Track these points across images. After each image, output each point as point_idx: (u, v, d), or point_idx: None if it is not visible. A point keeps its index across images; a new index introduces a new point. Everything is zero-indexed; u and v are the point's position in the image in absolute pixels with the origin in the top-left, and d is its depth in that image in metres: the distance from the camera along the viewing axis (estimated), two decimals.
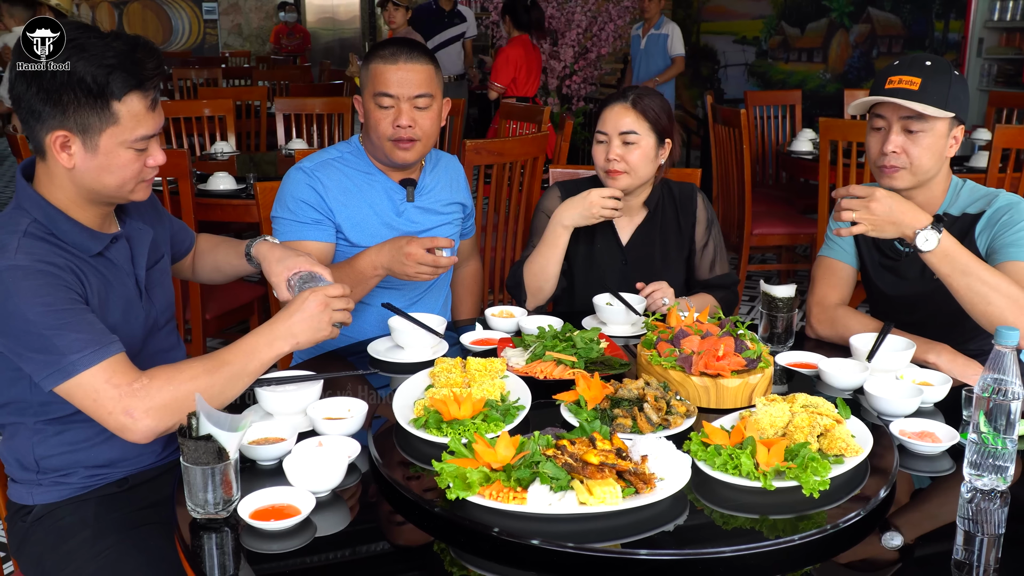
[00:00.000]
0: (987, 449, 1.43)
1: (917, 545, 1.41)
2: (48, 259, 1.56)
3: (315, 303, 1.68)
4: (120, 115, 1.57)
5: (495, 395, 1.67)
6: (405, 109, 2.24)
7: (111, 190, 1.64)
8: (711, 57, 10.15)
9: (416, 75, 2.25)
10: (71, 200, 1.64)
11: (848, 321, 2.17)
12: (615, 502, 1.32)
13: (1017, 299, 1.87)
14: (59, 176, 1.62)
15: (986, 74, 6.66)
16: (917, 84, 2.02)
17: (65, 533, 1.69)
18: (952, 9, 7.28)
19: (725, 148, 4.90)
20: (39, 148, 1.61)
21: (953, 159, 4.92)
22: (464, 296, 2.73)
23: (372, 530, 1.43)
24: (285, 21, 12.36)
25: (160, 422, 1.54)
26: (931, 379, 1.87)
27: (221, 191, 3.73)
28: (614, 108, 2.41)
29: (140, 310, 1.76)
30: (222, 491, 1.37)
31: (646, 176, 2.43)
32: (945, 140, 2.06)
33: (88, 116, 1.55)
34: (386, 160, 2.33)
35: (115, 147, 1.59)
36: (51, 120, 1.55)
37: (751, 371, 1.75)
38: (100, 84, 1.54)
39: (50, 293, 1.53)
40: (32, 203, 1.62)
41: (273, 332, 1.67)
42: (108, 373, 1.53)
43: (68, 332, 1.52)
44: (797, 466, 1.42)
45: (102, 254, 1.68)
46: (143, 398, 1.53)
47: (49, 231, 1.61)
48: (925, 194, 2.14)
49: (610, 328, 2.22)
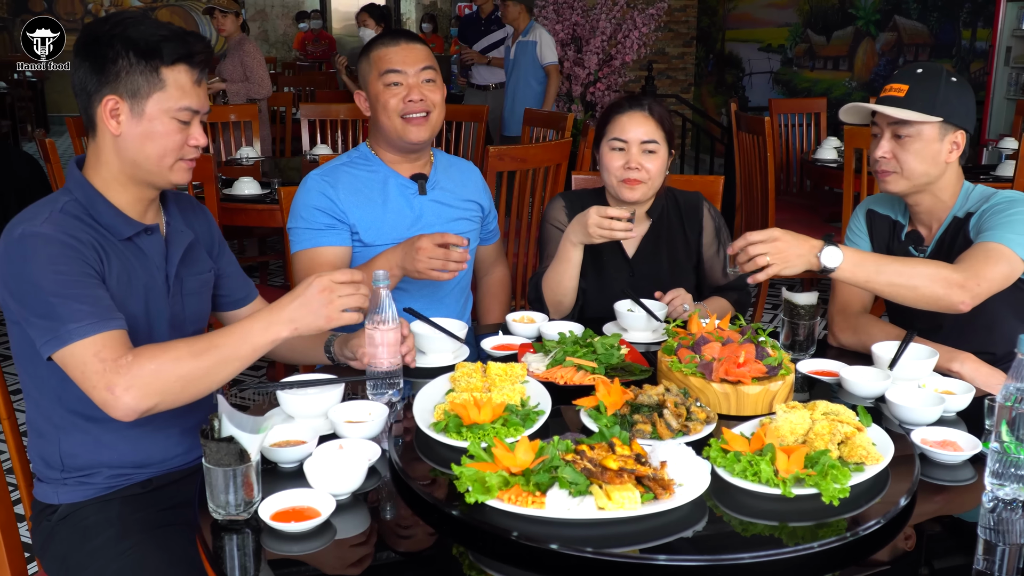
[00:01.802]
0: (1009, 458, 1.42)
1: (938, 555, 1.40)
2: (73, 233, 1.61)
3: (317, 288, 1.60)
4: (167, 82, 1.65)
5: (515, 400, 1.68)
6: (414, 84, 2.30)
7: (152, 162, 1.68)
8: (736, 64, 10.13)
9: (418, 52, 2.33)
10: (114, 178, 1.70)
11: (871, 329, 2.17)
12: (634, 507, 1.32)
13: (936, 275, 1.91)
14: (105, 151, 1.69)
15: (1013, 83, 6.60)
16: (904, 91, 2.07)
17: (90, 532, 1.71)
18: (980, 18, 7.23)
19: (749, 156, 4.88)
20: (91, 122, 1.68)
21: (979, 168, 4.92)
22: (491, 303, 2.74)
23: (391, 533, 1.44)
24: (311, 28, 12.44)
25: (140, 401, 1.52)
26: (954, 388, 1.86)
27: (246, 196, 3.76)
28: (632, 116, 2.40)
29: (165, 307, 1.78)
30: (243, 493, 1.38)
31: (659, 186, 2.44)
32: (938, 145, 2.07)
33: (137, 79, 1.63)
34: (399, 142, 2.35)
35: (160, 114, 1.66)
36: (103, 88, 1.64)
37: (772, 378, 1.75)
38: (152, 47, 1.63)
39: (65, 263, 1.57)
40: (76, 184, 1.70)
41: (271, 317, 1.60)
42: (98, 347, 1.53)
43: (73, 302, 1.55)
44: (817, 473, 1.41)
45: (132, 240, 1.72)
46: (125, 375, 1.51)
47: (86, 210, 1.67)
48: (931, 200, 2.15)
49: (631, 334, 2.22)
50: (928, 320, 2.13)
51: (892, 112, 2.07)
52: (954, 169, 2.13)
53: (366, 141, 2.46)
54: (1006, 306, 2.10)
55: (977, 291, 1.92)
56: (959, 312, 1.94)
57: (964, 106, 2.09)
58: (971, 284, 1.91)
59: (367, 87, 2.36)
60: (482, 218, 2.57)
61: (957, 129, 2.08)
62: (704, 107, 10.26)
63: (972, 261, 1.97)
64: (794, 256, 1.86)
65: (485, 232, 2.61)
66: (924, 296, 1.92)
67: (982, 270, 1.94)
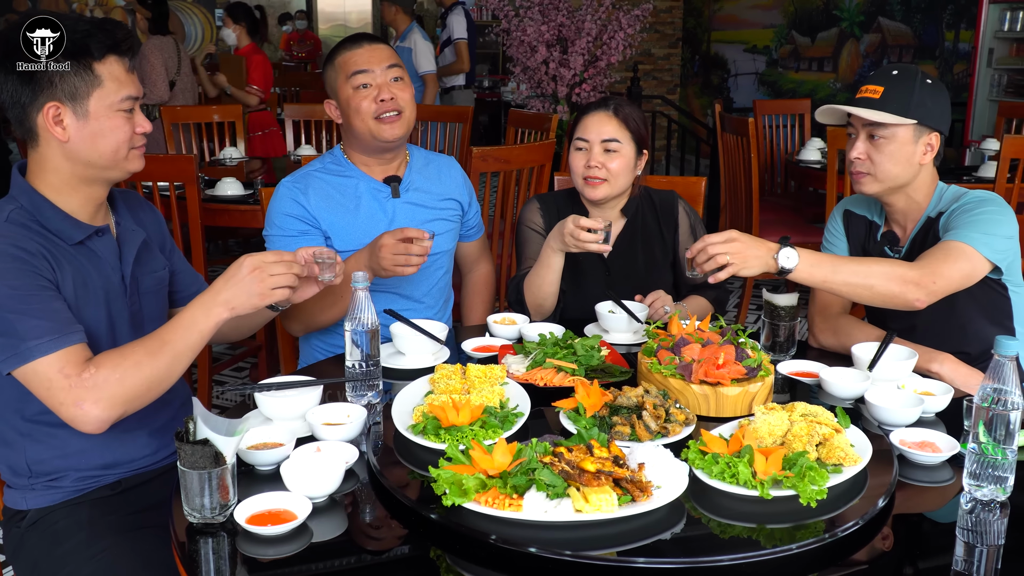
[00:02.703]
0: (987, 459, 1.42)
1: (916, 556, 1.40)
2: (21, 244, 1.59)
3: (248, 267, 1.64)
4: (103, 76, 1.64)
5: (494, 402, 1.67)
6: (383, 83, 2.29)
7: (107, 158, 1.67)
8: (721, 66, 10.15)
9: (383, 51, 2.34)
10: (64, 183, 1.68)
11: (851, 330, 2.17)
12: (611, 510, 1.32)
13: (891, 273, 1.94)
14: (52, 159, 1.66)
15: (996, 84, 6.64)
16: (879, 92, 2.08)
17: (60, 536, 1.69)
18: (962, 19, 7.27)
19: (734, 157, 4.89)
20: (31, 134, 1.66)
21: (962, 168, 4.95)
22: (475, 301, 2.72)
23: (368, 536, 1.43)
24: (295, 29, 12.40)
25: (110, 411, 1.55)
26: (933, 389, 1.87)
27: (228, 196, 3.74)
28: (595, 115, 2.41)
29: (124, 307, 1.76)
30: (219, 496, 1.37)
31: (624, 186, 2.43)
32: (912, 147, 2.08)
33: (74, 81, 1.62)
34: (375, 144, 2.33)
35: (104, 110, 1.65)
36: (40, 96, 1.61)
37: (751, 380, 1.75)
38: (79, 46, 1.61)
39: (18, 277, 1.56)
40: (20, 191, 1.68)
41: (210, 301, 1.64)
42: (62, 363, 1.54)
43: (30, 318, 1.54)
44: (795, 475, 1.41)
45: (84, 243, 1.70)
46: (92, 389, 1.53)
47: (33, 217, 1.65)
48: (905, 200, 2.16)
49: (612, 336, 2.21)
50: (902, 320, 2.14)
51: (866, 114, 2.08)
52: (928, 170, 2.14)
53: (339, 145, 2.45)
54: (978, 306, 2.12)
55: (933, 288, 1.95)
56: (915, 309, 1.97)
57: (939, 108, 2.10)
58: (926, 281, 1.94)
59: (336, 93, 2.34)
60: (461, 215, 2.55)
61: (932, 131, 2.09)
62: (690, 108, 10.28)
63: (931, 259, 1.99)
64: (752, 257, 1.90)
65: (466, 229, 2.60)
66: (880, 294, 1.95)
67: (939, 268, 1.97)
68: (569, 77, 6.84)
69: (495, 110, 9.92)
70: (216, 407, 3.03)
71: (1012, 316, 2.15)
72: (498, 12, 6.93)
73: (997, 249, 2.01)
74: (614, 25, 6.82)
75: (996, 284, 2.11)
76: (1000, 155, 3.91)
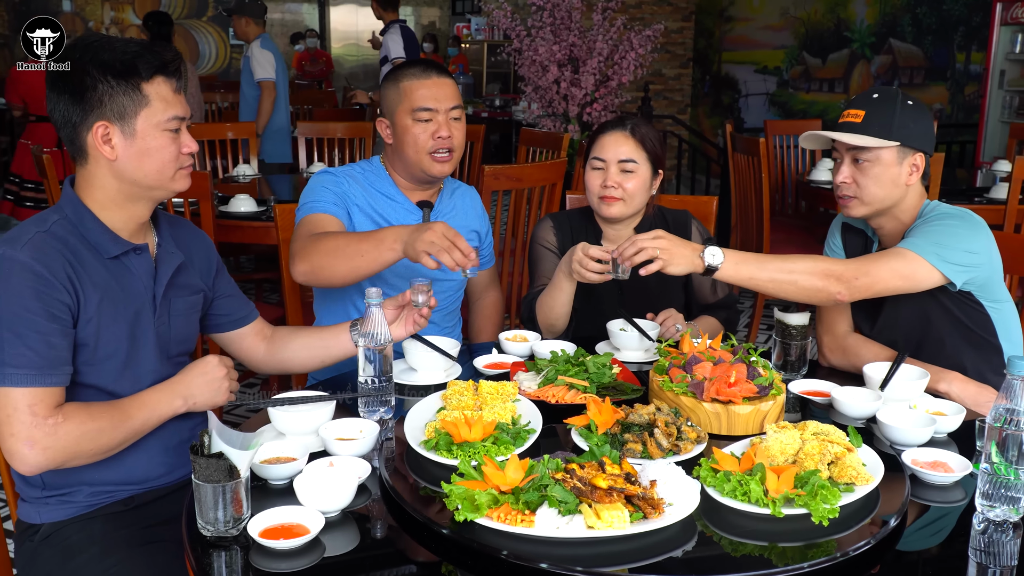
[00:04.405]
0: (999, 480, 1.42)
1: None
2: (49, 263, 1.61)
3: (219, 368, 1.77)
4: (150, 96, 1.67)
5: (506, 418, 1.68)
6: (443, 121, 2.32)
7: (152, 177, 1.71)
8: (732, 86, 10.18)
9: (450, 89, 2.36)
10: (110, 199, 1.71)
11: (859, 350, 2.18)
12: (623, 526, 1.32)
13: (815, 268, 1.98)
14: (100, 176, 1.70)
15: (1007, 106, 6.64)
16: (861, 116, 2.10)
17: (73, 550, 1.70)
18: (974, 41, 7.28)
19: (744, 177, 4.90)
20: (81, 151, 1.70)
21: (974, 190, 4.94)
22: (484, 324, 2.73)
23: (381, 551, 1.43)
24: (307, 48, 12.47)
25: (50, 462, 1.60)
26: (945, 409, 1.86)
27: (242, 213, 3.77)
28: (612, 135, 2.43)
29: (150, 326, 1.78)
30: (232, 509, 1.38)
31: (639, 205, 2.45)
32: (897, 168, 2.08)
33: (122, 101, 1.66)
34: (422, 175, 2.36)
35: (151, 129, 1.68)
36: (90, 116, 1.66)
37: (763, 398, 1.75)
38: (128, 67, 1.65)
39: (33, 298, 1.58)
40: (67, 201, 1.72)
41: (174, 390, 1.74)
42: (34, 400, 1.57)
43: (22, 345, 1.57)
44: (807, 493, 1.41)
45: (119, 259, 1.73)
46: (50, 435, 1.57)
47: (75, 228, 1.69)
48: (892, 223, 2.16)
49: (623, 354, 2.22)
50: (882, 336, 2.19)
51: (849, 139, 2.09)
52: (915, 190, 2.14)
53: (379, 158, 2.46)
54: (953, 321, 2.12)
55: (855, 284, 1.97)
56: (838, 303, 2.03)
57: (921, 128, 2.10)
58: (848, 276, 1.97)
59: (393, 116, 2.36)
60: (479, 247, 2.58)
61: (916, 151, 2.09)
62: (700, 128, 10.30)
63: (864, 258, 2.04)
64: (678, 255, 1.96)
65: (480, 257, 2.61)
66: (805, 289, 1.98)
67: (867, 265, 2.00)
68: (580, 96, 6.87)
69: (507, 129, 9.95)
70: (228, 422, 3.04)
71: (995, 332, 2.15)
72: (510, 32, 6.97)
73: (950, 260, 1.99)
74: (625, 45, 6.85)
75: (970, 300, 2.10)
76: (1012, 176, 3.91)
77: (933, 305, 2.10)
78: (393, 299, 2.01)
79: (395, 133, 2.36)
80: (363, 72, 16.15)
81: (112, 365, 1.70)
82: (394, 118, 2.36)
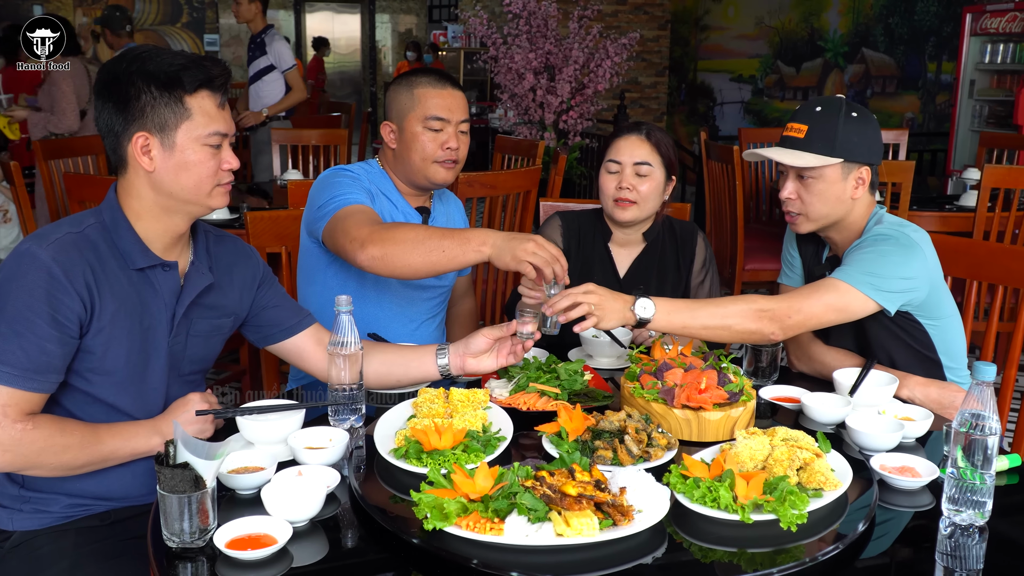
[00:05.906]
0: (965, 484, 1.43)
1: None
2: (69, 266, 1.59)
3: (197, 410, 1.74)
4: (193, 110, 1.65)
5: (477, 426, 1.67)
6: (453, 132, 2.32)
7: (189, 191, 1.68)
8: (707, 94, 10.25)
9: (462, 101, 2.37)
10: (146, 210, 1.70)
11: (824, 357, 2.19)
12: (592, 534, 1.32)
13: (747, 311, 1.95)
14: (138, 186, 1.69)
15: (977, 115, 6.72)
16: (804, 131, 2.07)
17: (42, 562, 1.67)
18: (945, 51, 7.37)
19: (719, 184, 4.93)
20: (122, 161, 1.69)
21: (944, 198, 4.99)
22: (458, 333, 2.72)
23: (349, 560, 1.42)
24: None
25: (9, 465, 1.59)
26: (913, 414, 1.88)
27: (213, 220, 3.74)
28: (629, 139, 2.44)
29: (163, 344, 1.75)
30: (198, 520, 1.37)
31: (652, 209, 2.46)
32: (841, 184, 2.07)
33: (164, 113, 1.64)
34: (424, 182, 2.35)
35: (191, 143, 1.66)
36: (131, 126, 1.65)
37: (733, 404, 1.76)
38: (172, 78, 1.64)
39: (42, 299, 1.56)
40: (108, 205, 1.70)
41: (154, 427, 1.71)
42: (10, 401, 1.55)
43: (15, 343, 1.55)
44: (775, 499, 1.41)
45: (144, 272, 1.70)
46: (14, 440, 1.56)
47: (108, 233, 1.67)
48: (842, 234, 2.16)
49: (596, 360, 2.22)
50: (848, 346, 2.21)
51: (789, 159, 2.06)
52: (863, 202, 2.12)
53: (377, 160, 2.45)
54: (893, 337, 2.14)
55: (788, 322, 1.96)
56: (773, 342, 2.00)
57: (866, 141, 2.07)
58: (781, 314, 1.95)
59: (401, 122, 2.34)
60: None
61: (861, 165, 2.07)
62: (676, 136, 10.36)
63: (796, 293, 2.02)
64: (610, 310, 1.90)
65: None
66: (739, 333, 1.96)
67: (798, 302, 1.98)
68: (556, 104, 6.90)
69: (483, 136, 9.96)
70: None
71: (934, 348, 2.16)
72: (486, 39, 6.99)
73: (883, 289, 1.98)
74: (601, 53, 6.88)
75: (909, 319, 2.11)
76: (981, 184, 3.96)
77: (874, 326, 2.11)
78: (492, 329, 1.94)
79: (402, 138, 2.34)
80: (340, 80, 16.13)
81: (118, 377, 1.68)
82: (403, 123, 2.33)
